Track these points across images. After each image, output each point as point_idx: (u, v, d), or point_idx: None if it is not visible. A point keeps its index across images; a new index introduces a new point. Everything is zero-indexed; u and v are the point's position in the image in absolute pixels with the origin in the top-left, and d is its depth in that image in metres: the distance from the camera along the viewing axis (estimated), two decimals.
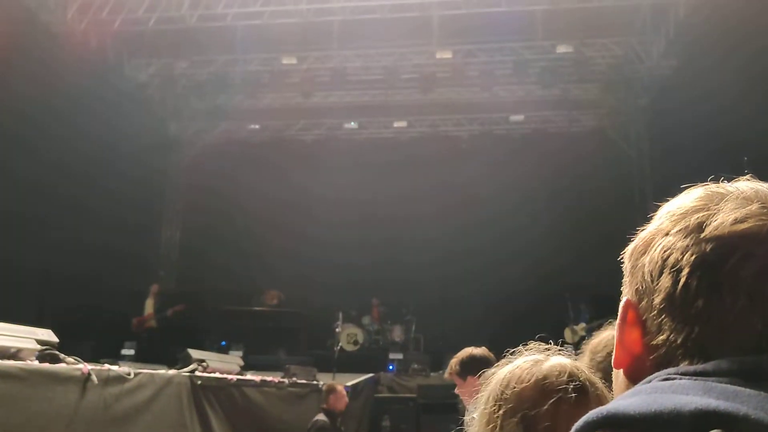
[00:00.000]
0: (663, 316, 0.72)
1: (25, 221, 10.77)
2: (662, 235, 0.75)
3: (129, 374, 4.37)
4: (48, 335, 4.27)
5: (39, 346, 4.06)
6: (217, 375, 5.89)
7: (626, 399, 0.66)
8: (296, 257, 15.05)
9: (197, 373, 5.44)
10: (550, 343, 1.48)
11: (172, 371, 5.38)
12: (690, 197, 0.76)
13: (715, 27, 10.39)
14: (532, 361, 1.39)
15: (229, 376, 6.11)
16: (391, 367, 12.24)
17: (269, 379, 7.22)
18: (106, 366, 4.39)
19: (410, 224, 14.81)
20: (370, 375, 11.04)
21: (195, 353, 6.00)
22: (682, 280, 0.70)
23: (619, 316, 0.78)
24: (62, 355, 4.06)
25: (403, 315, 14.27)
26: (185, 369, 5.51)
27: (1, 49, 9.78)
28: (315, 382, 8.35)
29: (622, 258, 0.83)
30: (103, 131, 11.64)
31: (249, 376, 7.01)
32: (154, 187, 15.08)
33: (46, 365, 3.80)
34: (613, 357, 0.79)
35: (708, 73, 10.51)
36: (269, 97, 14.98)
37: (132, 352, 11.34)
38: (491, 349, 4.12)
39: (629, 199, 14.04)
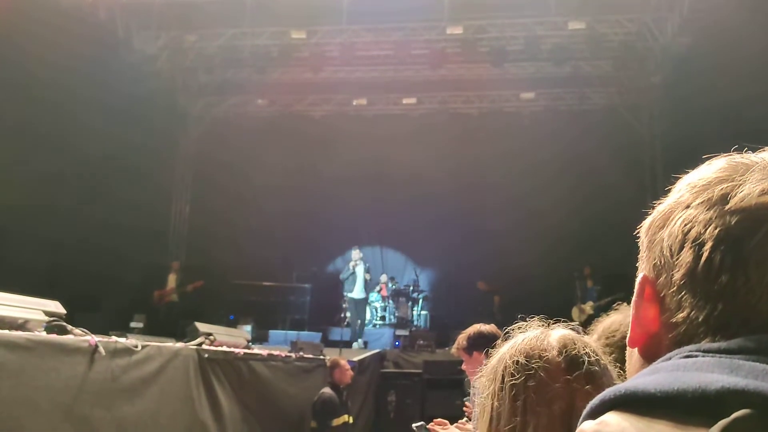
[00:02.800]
0: (683, 293, 0.68)
1: (36, 196, 10.80)
2: (683, 208, 0.71)
3: (136, 346, 4.38)
4: (56, 306, 4.27)
5: (47, 318, 4.07)
6: (224, 348, 5.91)
7: (646, 377, 0.63)
8: (304, 232, 15.07)
9: (204, 347, 5.46)
10: (558, 321, 1.45)
11: (179, 344, 5.39)
12: (712, 168, 0.72)
13: (729, 3, 10.20)
14: (543, 333, 1.37)
15: (236, 350, 6.13)
16: (397, 343, 12.32)
17: (276, 353, 7.25)
18: (114, 338, 4.40)
19: (418, 202, 14.76)
20: (377, 350, 11.12)
21: (202, 326, 6.02)
22: (705, 254, 0.66)
23: (635, 293, 0.75)
24: (70, 327, 4.06)
25: (411, 292, 14.33)
26: (192, 342, 5.52)
27: (10, 21, 9.73)
28: (321, 357, 8.40)
29: (637, 233, 0.79)
30: (113, 104, 11.60)
31: (256, 350, 7.04)
32: (163, 161, 15.05)
33: (54, 336, 3.80)
34: (627, 335, 0.76)
35: (722, 51, 10.34)
36: (278, 71, 14.83)
37: (141, 324, 11.42)
38: (499, 328, 4.12)
39: (640, 177, 13.94)
